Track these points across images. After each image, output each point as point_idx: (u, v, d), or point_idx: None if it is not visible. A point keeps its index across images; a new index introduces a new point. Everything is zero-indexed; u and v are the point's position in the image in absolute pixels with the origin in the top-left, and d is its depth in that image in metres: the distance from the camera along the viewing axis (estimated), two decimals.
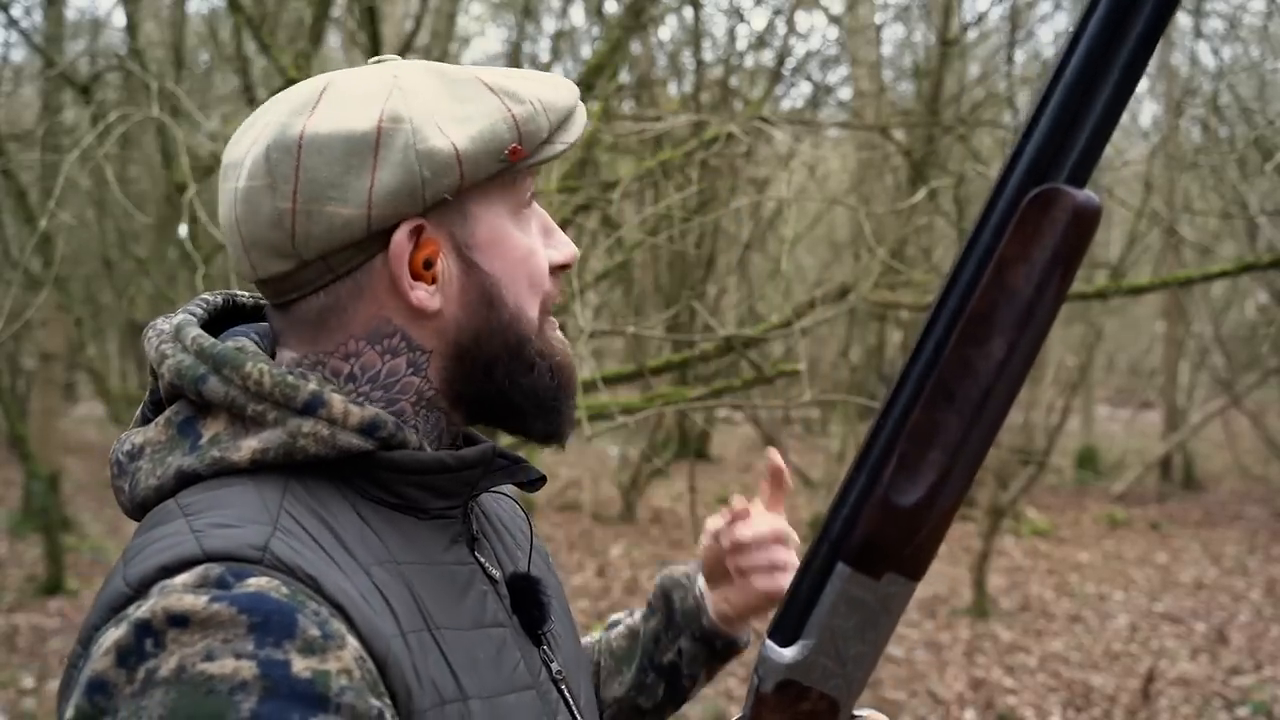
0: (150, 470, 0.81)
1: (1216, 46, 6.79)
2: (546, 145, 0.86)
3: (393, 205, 0.80)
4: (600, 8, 6.97)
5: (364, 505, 0.82)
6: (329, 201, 0.80)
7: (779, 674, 0.81)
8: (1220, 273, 4.23)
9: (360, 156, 0.80)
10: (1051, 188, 0.72)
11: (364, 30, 4.46)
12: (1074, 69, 0.72)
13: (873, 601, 0.79)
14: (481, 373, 0.86)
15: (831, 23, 7.35)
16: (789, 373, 4.25)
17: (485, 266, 0.85)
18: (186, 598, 0.67)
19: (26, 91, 8.92)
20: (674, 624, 1.18)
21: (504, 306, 0.86)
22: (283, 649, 0.67)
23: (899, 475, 0.76)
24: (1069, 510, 10.32)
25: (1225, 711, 5.40)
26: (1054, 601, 7.35)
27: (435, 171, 0.80)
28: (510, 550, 0.97)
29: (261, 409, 0.79)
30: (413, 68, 0.85)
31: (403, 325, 0.84)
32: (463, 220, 0.84)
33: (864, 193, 6.17)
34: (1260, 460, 11.90)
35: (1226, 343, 11.56)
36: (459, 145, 0.81)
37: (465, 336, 0.85)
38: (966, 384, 0.74)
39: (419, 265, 0.83)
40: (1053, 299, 0.74)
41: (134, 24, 5.71)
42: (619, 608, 6.99)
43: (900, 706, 5.44)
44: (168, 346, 0.84)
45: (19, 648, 5.94)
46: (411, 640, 0.76)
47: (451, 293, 0.84)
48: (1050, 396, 9.63)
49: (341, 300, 0.83)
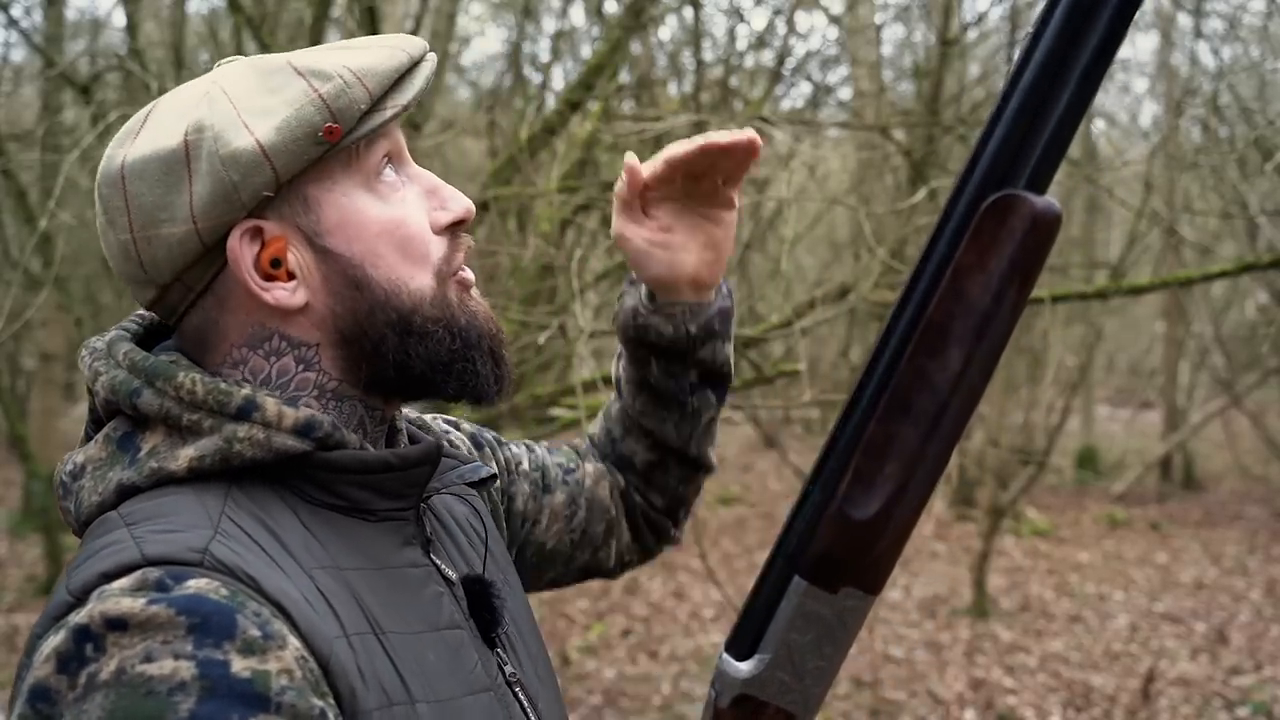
0: (92, 488, 0.81)
1: (1216, 46, 6.79)
2: (373, 114, 0.83)
3: (214, 214, 0.80)
4: (600, 8, 6.97)
5: (306, 509, 0.82)
6: (161, 224, 0.81)
7: (735, 689, 0.80)
8: (1220, 273, 4.23)
9: (175, 174, 0.80)
10: (1009, 194, 0.70)
11: (364, 30, 4.46)
12: (1032, 72, 0.70)
13: (830, 616, 0.77)
14: (373, 353, 0.85)
15: (831, 23, 7.35)
16: (789, 373, 4.25)
17: (341, 250, 0.84)
18: (124, 601, 0.67)
19: (26, 91, 8.91)
20: (634, 330, 1.11)
21: (373, 285, 0.84)
22: (222, 649, 0.67)
23: (855, 488, 0.74)
24: (1069, 510, 10.31)
25: (1225, 711, 5.40)
26: (1054, 601, 7.34)
27: (244, 173, 0.80)
28: (466, 552, 0.96)
29: (196, 418, 0.80)
30: (234, 67, 0.85)
31: (276, 326, 0.84)
32: (305, 209, 0.83)
33: (864, 193, 6.17)
34: (1260, 460, 11.89)
35: (1226, 343, 11.56)
36: (263, 141, 0.80)
37: (344, 323, 0.85)
38: (923, 396, 0.73)
39: (267, 265, 0.82)
40: (1010, 309, 0.72)
41: (134, 24, 5.71)
42: (619, 608, 6.99)
43: (900, 706, 5.44)
44: (100, 364, 0.84)
45: (19, 648, 5.93)
46: (355, 642, 0.76)
47: (315, 283, 0.84)
48: (1050, 396, 9.62)
49: (211, 315, 0.84)
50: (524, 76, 7.00)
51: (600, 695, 5.51)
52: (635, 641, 6.37)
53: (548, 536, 1.15)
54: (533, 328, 4.14)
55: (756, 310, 7.32)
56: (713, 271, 1.09)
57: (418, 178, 0.90)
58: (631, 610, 6.95)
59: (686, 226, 1.07)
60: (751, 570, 7.87)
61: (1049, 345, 8.39)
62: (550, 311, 4.54)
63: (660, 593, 7.33)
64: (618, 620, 6.74)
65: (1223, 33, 6.74)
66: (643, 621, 6.74)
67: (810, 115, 7.09)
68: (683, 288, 1.09)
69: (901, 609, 7.03)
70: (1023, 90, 0.70)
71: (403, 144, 0.89)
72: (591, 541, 1.18)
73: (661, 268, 1.07)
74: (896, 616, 6.86)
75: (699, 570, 7.23)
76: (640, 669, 5.92)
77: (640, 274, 1.09)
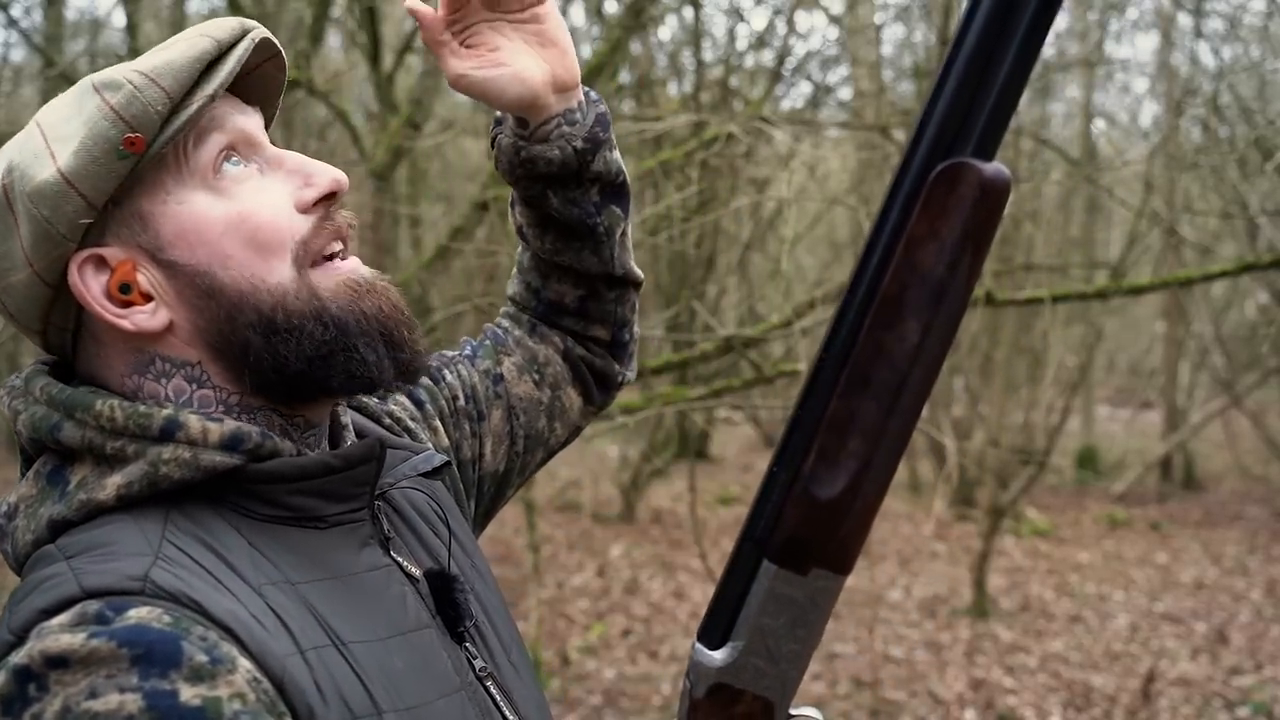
0: (26, 526, 0.79)
1: (1216, 46, 6.80)
2: (178, 112, 0.78)
3: (43, 253, 0.78)
4: (600, 8, 6.97)
5: (249, 525, 0.79)
6: (8, 273, 0.80)
7: (710, 678, 0.79)
8: (1220, 273, 4.23)
9: (4, 221, 0.79)
10: (958, 162, 0.70)
11: (364, 30, 4.46)
12: (973, 38, 0.69)
13: (802, 598, 0.76)
14: (245, 359, 0.81)
15: (831, 23, 7.35)
16: (789, 373, 4.26)
17: (186, 260, 0.80)
18: (63, 637, 0.66)
19: (26, 91, 8.91)
20: (521, 167, 1.04)
21: (226, 290, 0.80)
22: (168, 679, 0.65)
23: (819, 467, 0.74)
24: (1069, 510, 10.31)
25: (1225, 712, 5.40)
26: (1054, 601, 7.34)
27: (52, 206, 0.77)
28: (430, 542, 0.93)
29: (120, 444, 0.77)
30: (67, 93, 0.82)
31: (152, 349, 0.82)
32: (142, 226, 0.80)
33: (864, 193, 6.18)
34: (1260, 460, 11.88)
35: (1227, 343, 11.55)
36: (64, 168, 0.77)
37: (210, 335, 0.81)
38: (882, 369, 0.72)
39: (115, 291, 0.79)
40: (965, 277, 0.71)
41: (134, 24, 5.71)
42: (619, 608, 6.99)
43: (900, 706, 5.43)
44: (19, 402, 0.82)
45: None
46: (311, 657, 0.74)
47: (171, 300, 0.81)
48: (1050, 396, 9.62)
49: (90, 350, 0.83)
50: None
51: (600, 695, 5.51)
52: (635, 641, 6.37)
53: (497, 463, 1.11)
54: None
55: (756, 310, 7.32)
56: (566, 66, 1.02)
57: (277, 160, 0.85)
58: (631, 610, 6.95)
59: (510, 36, 1.00)
60: None
61: (1049, 345, 8.39)
62: None
63: (660, 593, 7.33)
64: (618, 620, 6.74)
65: (1223, 33, 6.74)
66: (643, 621, 6.73)
67: (810, 115, 7.08)
68: (546, 97, 1.01)
69: (901, 609, 7.03)
70: (964, 57, 0.69)
71: (251, 130, 0.84)
72: (538, 438, 1.13)
73: (514, 85, 0.99)
74: (896, 616, 6.86)
75: (699, 570, 7.23)
76: (640, 669, 5.92)
77: (500, 105, 1.02)
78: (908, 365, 0.72)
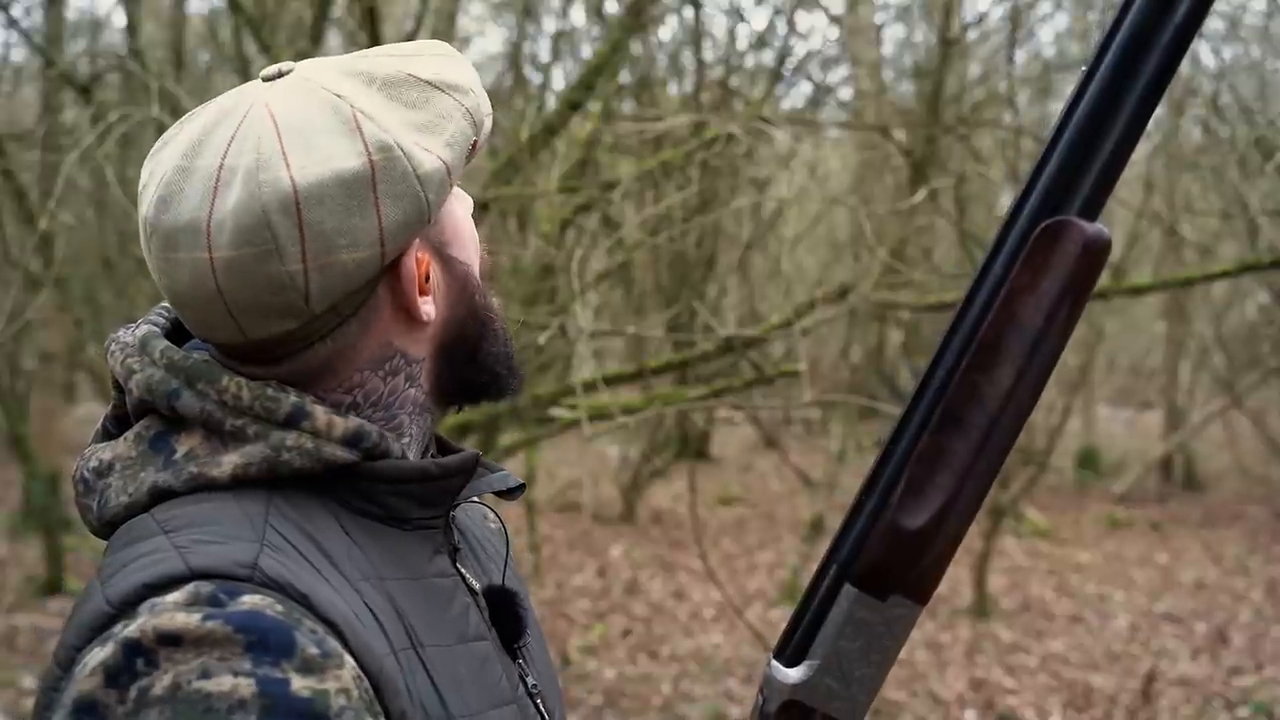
0: (121, 487, 0.78)
1: (1217, 46, 6.80)
2: (485, 125, 0.85)
3: (405, 236, 0.78)
4: (600, 8, 6.97)
5: (347, 518, 0.79)
6: (340, 250, 0.76)
7: (784, 694, 0.81)
8: (1221, 273, 4.23)
9: (359, 197, 0.76)
10: (1063, 220, 0.73)
11: (364, 30, 4.45)
12: (1088, 104, 0.73)
13: (879, 624, 0.79)
14: (466, 359, 0.86)
15: (832, 23, 7.35)
16: (789, 373, 4.26)
17: (459, 257, 0.85)
18: (179, 616, 0.66)
19: (26, 91, 8.92)
20: None
21: (476, 287, 0.86)
22: (281, 668, 0.65)
23: (907, 498, 0.77)
24: (1069, 510, 10.31)
25: (1226, 712, 5.40)
26: (1054, 602, 7.34)
27: (436, 191, 0.79)
28: (483, 562, 0.95)
29: (241, 423, 0.77)
30: (332, 78, 0.80)
31: (401, 345, 0.83)
32: (435, 222, 0.83)
33: (864, 193, 6.18)
34: (1261, 460, 11.88)
35: (1227, 343, 11.55)
36: (444, 158, 0.79)
37: (449, 333, 0.85)
38: (974, 410, 0.75)
39: (422, 280, 0.82)
40: (1061, 330, 0.75)
41: (134, 24, 5.72)
42: (619, 608, 6.99)
43: (900, 706, 5.43)
44: (134, 360, 0.80)
45: (19, 648, 5.93)
46: (402, 659, 0.75)
47: (440, 295, 0.84)
48: (1050, 396, 9.60)
49: (350, 340, 0.81)
50: (524, 76, 6.99)
51: (600, 695, 5.51)
52: (635, 642, 6.37)
53: None
54: (533, 328, 4.13)
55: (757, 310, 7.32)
56: None
57: None
58: (631, 610, 6.95)
59: None
60: (751, 570, 7.87)
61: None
62: (550, 311, 4.54)
63: (660, 593, 7.32)
64: (618, 620, 6.74)
65: (1223, 33, 6.74)
66: (643, 622, 6.73)
67: (810, 115, 7.09)
68: None
69: None
70: (1079, 120, 0.73)
71: None
72: None
73: None
74: None
75: (699, 570, 7.22)
76: (640, 669, 5.92)
77: None
78: (999, 408, 0.75)
